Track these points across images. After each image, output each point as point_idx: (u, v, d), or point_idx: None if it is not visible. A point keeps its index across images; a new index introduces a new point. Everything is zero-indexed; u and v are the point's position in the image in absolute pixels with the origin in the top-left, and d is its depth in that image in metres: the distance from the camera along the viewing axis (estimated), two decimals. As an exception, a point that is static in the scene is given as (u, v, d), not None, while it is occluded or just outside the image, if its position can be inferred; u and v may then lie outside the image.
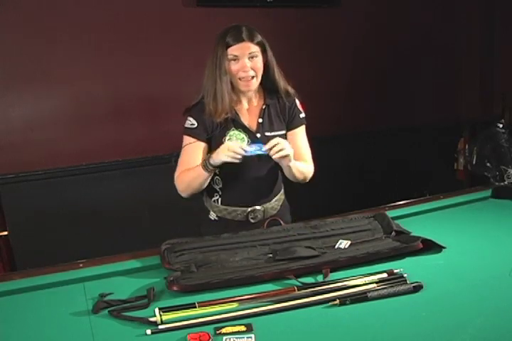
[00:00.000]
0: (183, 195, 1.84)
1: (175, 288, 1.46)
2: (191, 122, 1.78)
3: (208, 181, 1.81)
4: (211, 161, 1.69)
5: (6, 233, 2.94)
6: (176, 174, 1.82)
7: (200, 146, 1.78)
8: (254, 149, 1.64)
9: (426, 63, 3.92)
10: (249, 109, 1.82)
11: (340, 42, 3.62)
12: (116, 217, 3.11)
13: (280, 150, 1.66)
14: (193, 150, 1.78)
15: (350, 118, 3.69)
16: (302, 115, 1.87)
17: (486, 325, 1.21)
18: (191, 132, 1.78)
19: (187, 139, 1.80)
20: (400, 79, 3.84)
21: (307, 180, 1.90)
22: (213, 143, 1.78)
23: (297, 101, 1.87)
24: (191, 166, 1.76)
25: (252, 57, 1.69)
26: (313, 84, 3.40)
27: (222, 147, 1.67)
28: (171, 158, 2.91)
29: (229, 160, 1.64)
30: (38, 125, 2.91)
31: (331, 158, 3.40)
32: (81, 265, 1.67)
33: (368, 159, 3.76)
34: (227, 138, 1.76)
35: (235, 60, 1.69)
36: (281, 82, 1.80)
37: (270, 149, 1.66)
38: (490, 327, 1.20)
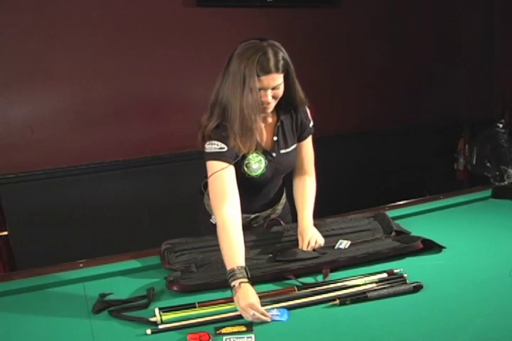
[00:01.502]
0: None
1: (175, 288, 1.46)
2: (219, 146, 1.58)
3: None
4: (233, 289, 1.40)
5: (6, 233, 2.93)
6: (215, 205, 1.59)
7: (232, 171, 1.59)
8: (275, 315, 1.33)
9: (426, 63, 3.91)
10: (265, 127, 1.73)
11: (340, 42, 3.61)
12: (116, 217, 3.11)
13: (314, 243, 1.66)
14: (225, 177, 1.58)
15: (350, 118, 3.69)
16: (311, 124, 1.82)
17: (486, 324, 1.21)
18: (222, 156, 1.58)
19: (217, 165, 1.58)
20: (400, 79, 3.83)
21: None
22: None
23: (307, 110, 1.81)
24: (227, 194, 1.56)
25: (276, 87, 1.57)
26: (313, 84, 3.38)
27: (243, 302, 1.32)
28: (178, 161, 2.88)
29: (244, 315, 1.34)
30: (38, 125, 2.90)
31: (331, 158, 3.40)
32: (81, 265, 1.67)
33: (368, 159, 3.75)
34: (245, 161, 1.67)
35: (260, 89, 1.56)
36: (300, 93, 1.70)
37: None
38: (490, 327, 1.20)
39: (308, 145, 1.84)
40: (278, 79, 1.55)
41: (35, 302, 1.46)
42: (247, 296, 1.32)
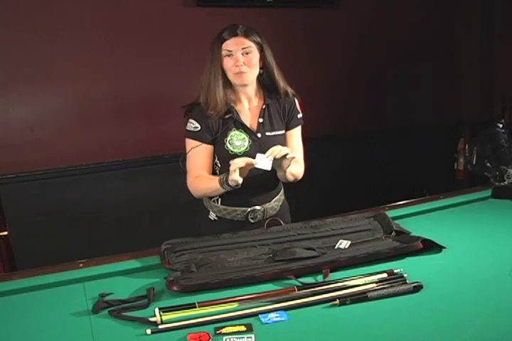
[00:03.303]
0: (197, 197, 1.87)
1: (175, 288, 1.46)
2: (194, 125, 1.75)
3: None
4: (230, 183, 1.67)
5: (6, 233, 2.94)
6: (189, 181, 1.81)
7: (207, 149, 1.77)
8: (274, 316, 1.32)
9: (426, 63, 3.92)
10: (250, 109, 1.82)
11: (340, 42, 3.62)
12: (116, 217, 3.11)
13: (279, 151, 1.66)
14: (200, 154, 1.77)
15: (350, 118, 3.69)
16: (300, 115, 1.88)
17: (486, 325, 1.21)
18: (195, 135, 1.76)
19: (191, 143, 1.78)
20: (400, 79, 3.83)
21: (297, 180, 1.90)
22: (215, 144, 1.78)
23: (296, 102, 1.87)
24: (201, 171, 1.77)
25: (247, 53, 1.69)
26: (313, 84, 3.40)
27: (230, 169, 1.63)
28: (170, 158, 2.91)
29: (242, 167, 1.62)
30: (38, 125, 2.91)
31: (330, 158, 3.40)
32: (81, 265, 1.67)
33: (368, 159, 3.75)
34: (228, 138, 1.76)
35: (229, 55, 1.69)
36: (281, 82, 1.80)
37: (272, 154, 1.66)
38: (490, 327, 1.20)
39: (296, 136, 1.89)
40: (246, 42, 1.68)
41: (35, 302, 1.46)
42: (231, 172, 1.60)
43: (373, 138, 3.78)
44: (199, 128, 1.74)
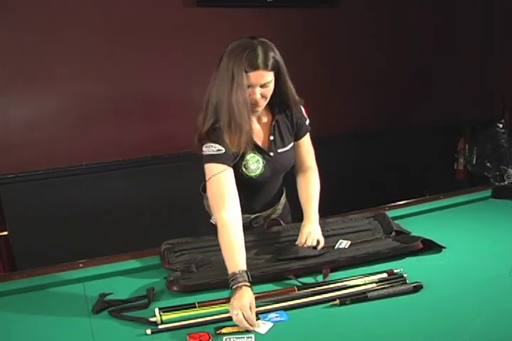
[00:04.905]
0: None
1: (175, 288, 1.46)
2: (217, 148, 1.56)
3: None
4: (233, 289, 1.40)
5: (6, 233, 2.94)
6: (215, 208, 1.57)
7: (231, 173, 1.58)
8: (274, 317, 1.33)
9: (426, 63, 3.92)
10: (260, 127, 1.74)
11: (340, 42, 3.62)
12: (116, 217, 3.11)
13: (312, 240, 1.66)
14: (228, 180, 1.56)
15: (350, 118, 3.69)
16: (307, 122, 1.82)
17: (486, 325, 1.21)
18: (220, 158, 1.56)
19: (215, 168, 1.56)
20: (400, 79, 3.83)
21: None
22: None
23: (302, 108, 1.81)
24: (227, 198, 1.55)
25: (266, 86, 1.57)
26: (313, 84, 3.40)
27: (236, 305, 1.31)
28: (178, 161, 2.88)
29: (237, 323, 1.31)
30: (38, 125, 2.90)
31: (330, 158, 3.38)
32: (81, 265, 1.67)
33: (368, 159, 3.75)
34: (243, 162, 1.66)
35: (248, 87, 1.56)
36: (291, 95, 1.71)
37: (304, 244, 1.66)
38: (490, 328, 1.20)
39: (307, 143, 1.84)
40: (266, 76, 1.54)
41: (35, 302, 1.46)
42: (241, 296, 1.32)
43: (373, 138, 3.78)
44: (223, 150, 1.56)
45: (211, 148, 1.57)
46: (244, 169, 1.66)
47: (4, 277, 1.67)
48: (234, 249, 1.46)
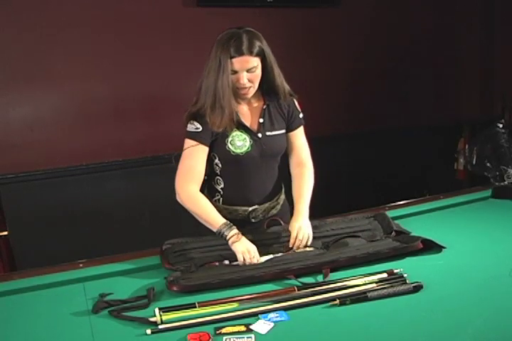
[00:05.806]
0: (179, 202, 1.79)
1: (175, 288, 1.46)
2: (196, 126, 1.73)
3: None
4: (229, 243, 1.63)
5: (6, 233, 2.94)
6: (180, 180, 1.73)
7: (203, 150, 1.74)
8: (274, 317, 1.32)
9: (426, 63, 3.92)
10: (250, 109, 1.82)
11: (340, 42, 3.62)
12: (116, 217, 3.11)
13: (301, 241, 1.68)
14: (196, 155, 1.74)
15: (350, 118, 3.69)
16: (301, 115, 1.88)
17: (486, 325, 1.21)
18: (195, 136, 1.73)
19: (189, 142, 1.75)
20: (400, 79, 3.83)
21: None
22: (215, 144, 1.77)
23: (295, 102, 1.87)
24: (193, 171, 1.73)
25: (252, 71, 1.67)
26: (313, 84, 3.40)
27: (243, 246, 1.60)
28: (171, 158, 2.89)
29: (240, 257, 1.60)
30: (38, 125, 2.91)
31: (331, 158, 3.39)
32: (81, 265, 1.67)
33: (368, 159, 3.75)
34: (229, 139, 1.75)
35: (234, 73, 1.66)
36: (281, 83, 1.78)
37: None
38: (490, 328, 1.20)
39: (300, 136, 1.90)
40: (252, 61, 1.64)
41: (35, 303, 1.46)
42: (240, 241, 1.60)
43: (373, 138, 3.78)
44: (200, 129, 1.72)
45: (191, 126, 1.74)
46: (230, 145, 1.75)
47: (4, 277, 1.67)
48: (209, 210, 1.68)
